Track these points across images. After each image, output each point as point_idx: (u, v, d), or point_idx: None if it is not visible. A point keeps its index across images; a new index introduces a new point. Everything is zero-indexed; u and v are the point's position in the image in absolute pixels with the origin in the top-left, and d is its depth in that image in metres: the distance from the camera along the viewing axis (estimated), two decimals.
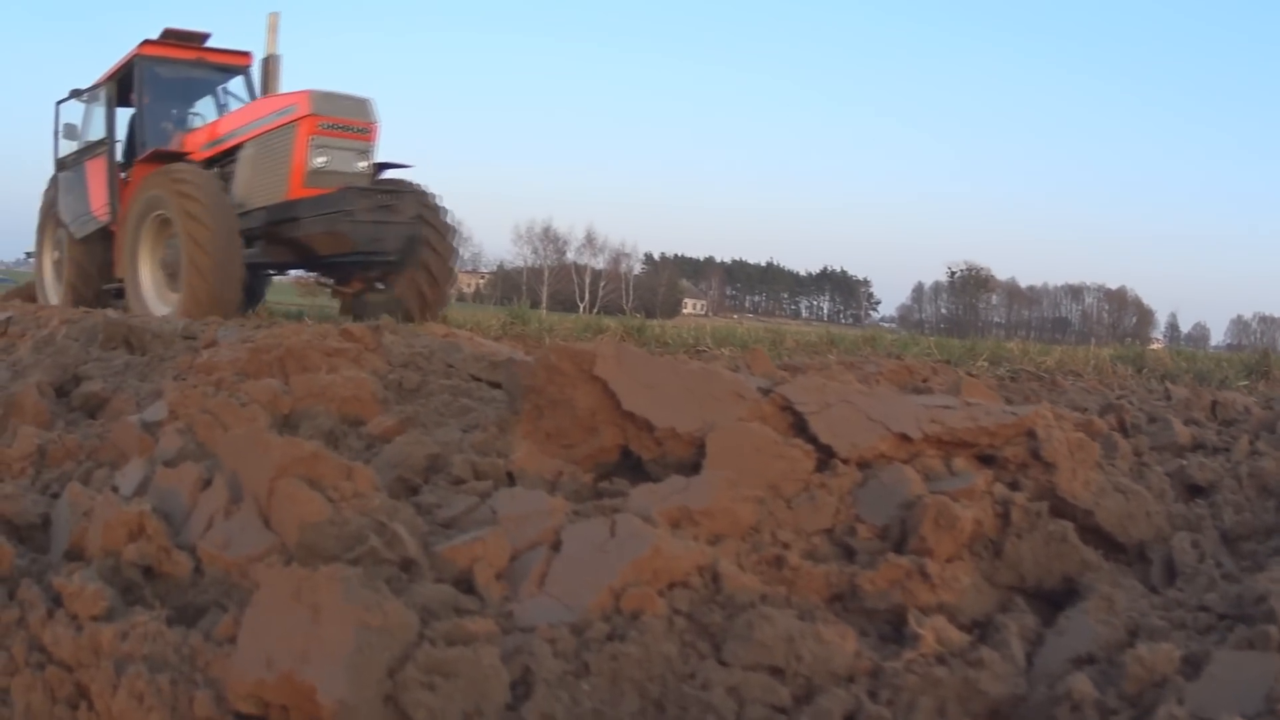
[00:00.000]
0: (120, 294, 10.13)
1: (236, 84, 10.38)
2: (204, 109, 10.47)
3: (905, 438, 1.69)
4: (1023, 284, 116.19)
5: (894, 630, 1.33)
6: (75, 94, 10.66)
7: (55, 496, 1.70)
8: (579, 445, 1.74)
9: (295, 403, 1.87)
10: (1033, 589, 1.49)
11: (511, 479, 1.65)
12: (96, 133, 10.30)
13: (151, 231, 8.40)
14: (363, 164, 8.47)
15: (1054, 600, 1.47)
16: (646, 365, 1.74)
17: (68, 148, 10.84)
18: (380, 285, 8.99)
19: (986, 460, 1.74)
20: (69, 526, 1.38)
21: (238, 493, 1.33)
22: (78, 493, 1.39)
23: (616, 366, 1.71)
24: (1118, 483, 1.73)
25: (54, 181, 11.08)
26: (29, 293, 12.82)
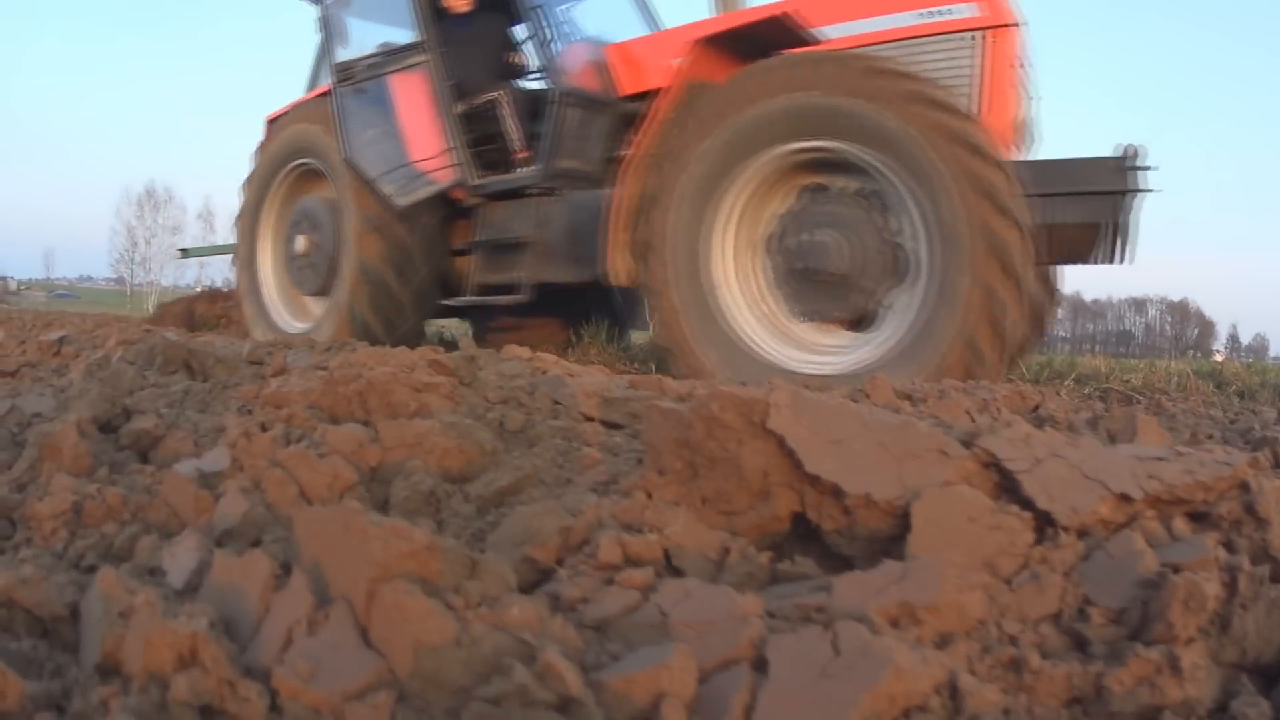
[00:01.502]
0: (451, 313, 6.60)
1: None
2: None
3: (1125, 498, 1.39)
4: (1087, 298, 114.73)
5: None
6: None
7: (91, 570, 1.37)
8: (744, 513, 1.38)
9: (385, 454, 1.51)
10: (1251, 664, 1.23)
11: (667, 558, 1.28)
12: (382, 35, 6.22)
13: (764, 182, 4.32)
14: None
15: (1268, 675, 1.22)
16: (830, 416, 1.38)
17: (336, 55, 6.39)
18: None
19: (1196, 517, 1.46)
20: (101, 630, 1.03)
21: (324, 594, 0.97)
22: (112, 584, 1.04)
23: (794, 418, 1.35)
24: None
25: (325, 104, 6.34)
26: (188, 312, 8.64)
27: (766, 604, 1.13)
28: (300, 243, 6.49)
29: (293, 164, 6.67)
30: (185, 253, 11.44)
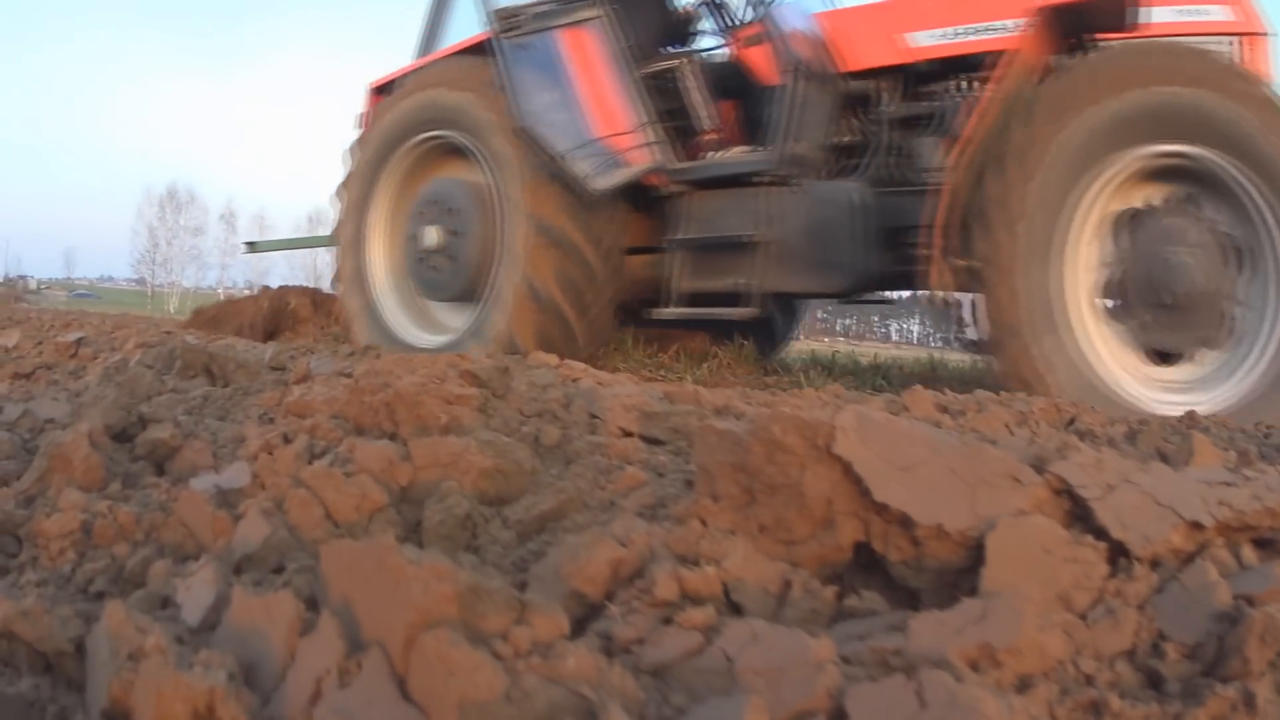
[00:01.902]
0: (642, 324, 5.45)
1: None
2: None
3: (1197, 526, 1.33)
4: None
5: None
6: None
7: (100, 597, 1.27)
8: (805, 542, 1.28)
9: (416, 473, 1.40)
10: None
11: (725, 592, 1.17)
12: None
13: (1119, 189, 3.78)
14: None
15: None
16: (897, 440, 1.27)
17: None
18: None
19: (1261, 544, 1.40)
20: (109, 672, 0.93)
21: (355, 638, 0.87)
22: (120, 622, 0.94)
23: (861, 443, 1.25)
24: None
25: (467, 65, 5.25)
26: (226, 317, 7.42)
27: (839, 646, 1.03)
28: (430, 236, 5.20)
29: (420, 137, 5.41)
30: (252, 246, 10.05)
